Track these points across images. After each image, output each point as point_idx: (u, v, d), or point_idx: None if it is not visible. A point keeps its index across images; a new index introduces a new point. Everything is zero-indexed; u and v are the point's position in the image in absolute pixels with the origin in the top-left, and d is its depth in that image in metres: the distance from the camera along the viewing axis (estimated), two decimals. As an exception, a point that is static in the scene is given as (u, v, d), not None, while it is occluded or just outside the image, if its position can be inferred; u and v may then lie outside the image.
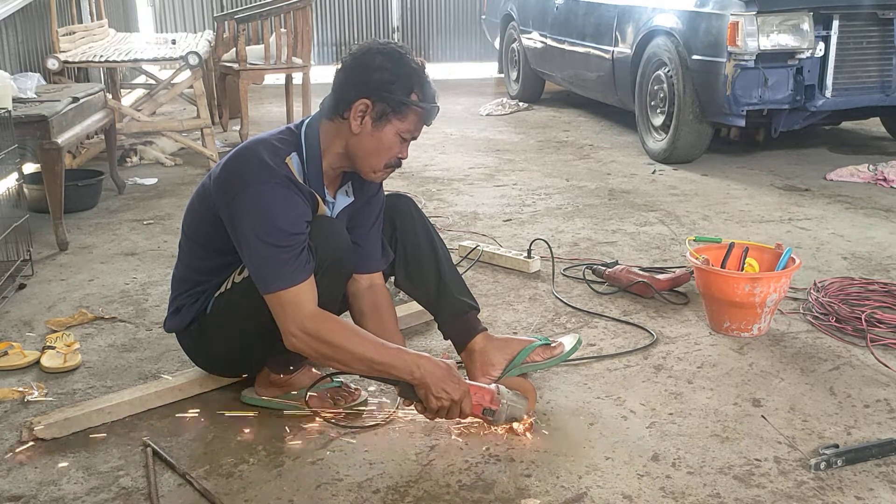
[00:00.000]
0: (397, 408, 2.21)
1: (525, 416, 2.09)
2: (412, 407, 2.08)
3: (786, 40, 4.41)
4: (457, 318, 2.32)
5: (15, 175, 3.29)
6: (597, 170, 4.96)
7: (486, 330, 2.35)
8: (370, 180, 2.14)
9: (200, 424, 2.17)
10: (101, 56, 5.05)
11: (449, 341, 2.37)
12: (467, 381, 2.06)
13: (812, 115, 4.72)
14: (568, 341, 2.38)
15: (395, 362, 1.97)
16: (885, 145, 5.48)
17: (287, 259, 1.92)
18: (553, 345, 2.35)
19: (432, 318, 2.44)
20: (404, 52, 2.03)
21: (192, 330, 2.22)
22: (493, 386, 2.09)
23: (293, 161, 2.03)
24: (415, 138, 2.09)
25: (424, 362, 1.98)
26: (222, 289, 2.14)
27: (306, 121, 2.11)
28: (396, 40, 9.75)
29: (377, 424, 2.15)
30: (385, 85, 1.99)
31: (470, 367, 2.28)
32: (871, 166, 4.63)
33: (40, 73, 4.49)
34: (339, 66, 2.07)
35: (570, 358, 2.49)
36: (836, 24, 4.45)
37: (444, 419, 2.05)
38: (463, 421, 2.10)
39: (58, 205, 3.53)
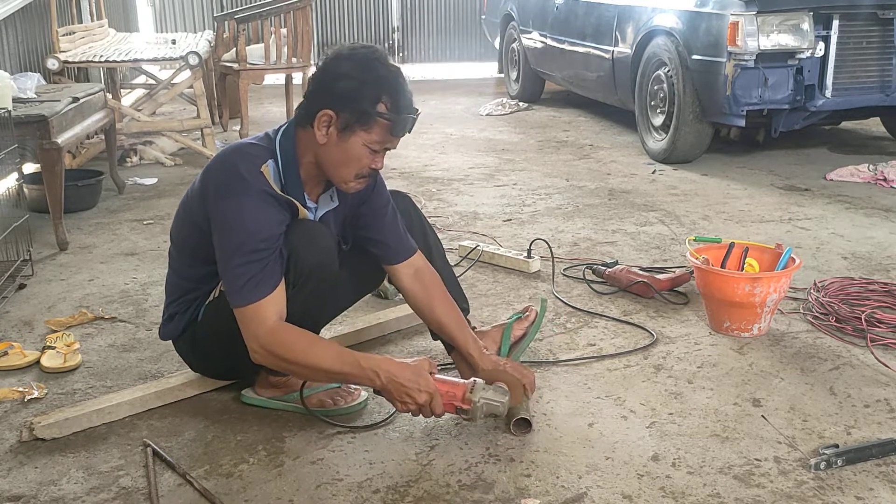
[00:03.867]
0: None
1: (506, 411, 2.03)
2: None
3: (786, 40, 4.41)
4: None
5: (15, 175, 3.29)
6: (597, 170, 4.96)
7: (476, 328, 2.35)
8: (345, 191, 2.09)
9: (200, 424, 2.17)
10: (101, 56, 5.05)
11: (439, 342, 2.38)
12: (439, 377, 2.01)
13: (812, 115, 4.72)
14: (535, 306, 2.51)
15: (353, 371, 1.94)
16: (885, 145, 5.48)
17: (252, 273, 1.90)
18: (525, 315, 2.45)
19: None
20: (375, 58, 1.94)
21: (185, 337, 2.22)
22: (469, 381, 2.04)
23: (269, 169, 1.98)
24: (389, 149, 2.02)
25: (385, 367, 1.94)
26: (211, 297, 2.13)
27: (283, 127, 2.07)
28: (396, 40, 9.77)
29: (377, 424, 2.15)
30: (349, 94, 1.92)
31: (460, 366, 2.28)
32: (871, 166, 4.63)
33: (40, 73, 4.49)
34: (312, 72, 2.03)
35: (570, 358, 2.50)
36: (836, 24, 4.45)
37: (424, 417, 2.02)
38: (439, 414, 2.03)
39: (58, 205, 3.53)
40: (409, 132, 2.01)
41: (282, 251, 1.96)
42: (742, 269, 2.70)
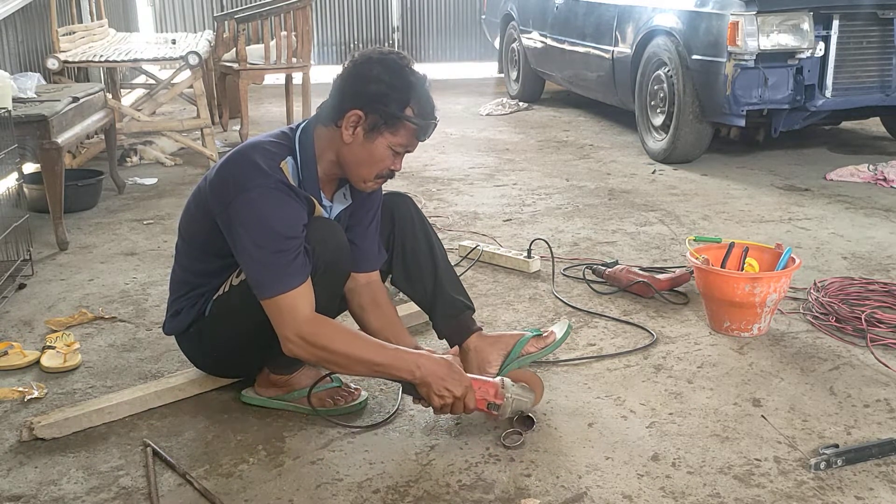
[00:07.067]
0: (398, 408, 2.21)
1: (531, 407, 2.09)
2: (417, 405, 2.09)
3: (786, 40, 4.41)
4: (451, 317, 2.33)
5: (15, 175, 3.29)
6: (597, 170, 4.96)
7: (482, 329, 2.35)
8: (360, 190, 2.13)
9: (200, 424, 2.17)
10: (101, 56, 5.05)
11: (444, 340, 2.37)
12: (471, 376, 2.06)
13: (812, 115, 4.72)
14: (559, 329, 2.42)
15: (394, 363, 1.97)
16: (885, 145, 5.48)
17: (283, 263, 1.92)
18: (545, 334, 2.38)
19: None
20: (404, 64, 2.00)
21: (191, 332, 2.22)
22: (497, 379, 2.09)
23: (288, 165, 2.02)
24: (409, 151, 2.07)
25: (424, 361, 1.98)
26: (220, 291, 2.14)
27: (302, 125, 2.10)
28: (396, 40, 9.78)
29: (377, 424, 2.15)
30: (379, 97, 1.97)
31: (466, 366, 2.28)
32: (871, 166, 4.64)
33: (40, 73, 4.48)
34: (339, 72, 2.06)
35: (570, 358, 2.50)
36: (836, 23, 4.45)
37: (450, 414, 2.04)
38: (468, 415, 2.09)
39: (58, 205, 3.53)
40: (429, 137, 2.07)
41: (306, 245, 1.97)
42: (742, 269, 2.70)
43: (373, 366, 1.98)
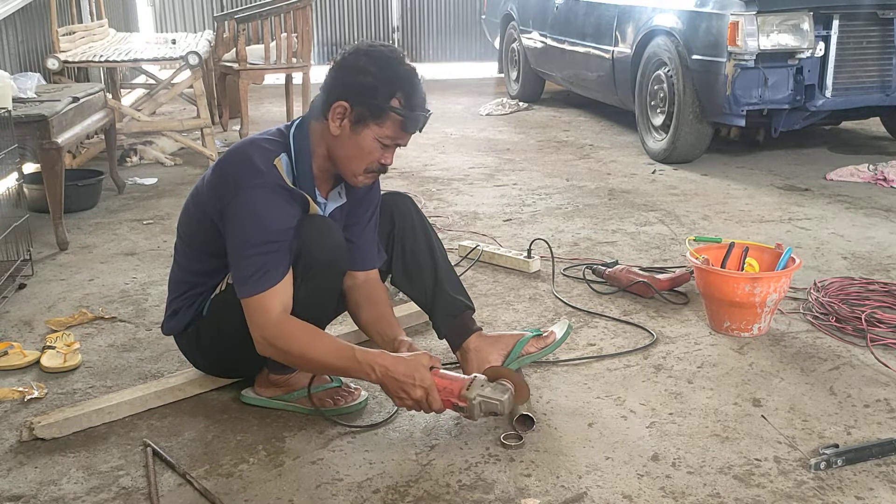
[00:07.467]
0: (398, 408, 2.21)
1: (507, 410, 1.97)
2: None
3: (786, 40, 4.42)
4: (452, 317, 2.32)
5: (15, 175, 3.29)
6: (597, 170, 4.96)
7: (481, 329, 2.35)
8: (352, 185, 2.12)
9: (200, 424, 2.17)
10: (101, 56, 5.05)
11: (444, 340, 2.37)
12: (443, 372, 2.00)
13: (812, 114, 4.72)
14: (559, 329, 2.41)
15: (350, 365, 1.96)
16: (885, 145, 5.48)
17: (262, 264, 1.93)
18: (545, 334, 2.37)
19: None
20: (393, 56, 2.00)
21: (189, 332, 2.22)
22: (468, 377, 2.01)
23: (282, 162, 2.02)
24: (400, 145, 2.05)
25: (381, 361, 1.95)
26: (217, 290, 2.14)
27: (297, 121, 2.11)
28: (396, 40, 9.78)
29: (377, 424, 2.15)
30: (365, 88, 1.96)
31: (466, 366, 2.28)
32: (871, 166, 4.64)
33: (40, 73, 4.48)
34: (330, 66, 2.06)
35: (571, 358, 2.50)
36: (836, 23, 4.46)
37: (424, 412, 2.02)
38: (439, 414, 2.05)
39: (58, 205, 3.53)
40: (421, 131, 2.06)
41: (291, 245, 1.98)
42: (742, 269, 2.70)
43: (331, 368, 2.00)
